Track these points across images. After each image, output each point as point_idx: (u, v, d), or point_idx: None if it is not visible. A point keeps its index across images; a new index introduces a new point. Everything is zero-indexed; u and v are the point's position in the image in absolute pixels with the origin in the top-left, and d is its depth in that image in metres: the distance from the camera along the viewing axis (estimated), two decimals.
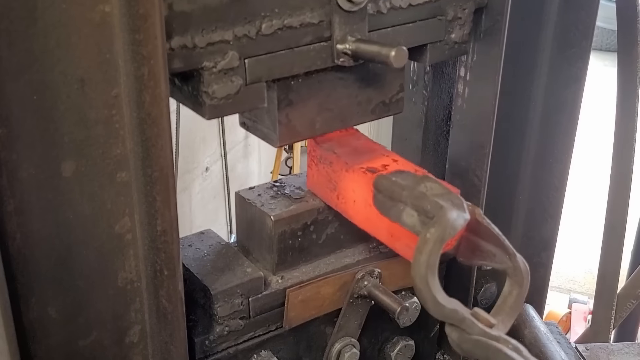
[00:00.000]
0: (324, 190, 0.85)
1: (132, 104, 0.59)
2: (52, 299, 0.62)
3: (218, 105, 0.65)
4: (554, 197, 1.09)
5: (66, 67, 0.55)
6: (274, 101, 0.72)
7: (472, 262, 0.76)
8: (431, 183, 0.70)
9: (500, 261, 0.72)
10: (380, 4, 0.72)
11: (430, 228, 0.62)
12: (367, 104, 0.80)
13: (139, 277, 0.67)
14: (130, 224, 0.64)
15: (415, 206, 0.68)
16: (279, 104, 0.72)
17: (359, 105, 0.79)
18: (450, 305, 0.63)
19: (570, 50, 0.98)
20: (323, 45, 0.70)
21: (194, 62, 0.62)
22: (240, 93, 0.66)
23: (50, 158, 0.57)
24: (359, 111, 0.80)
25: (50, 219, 0.59)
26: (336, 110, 0.78)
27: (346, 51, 0.70)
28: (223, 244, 0.86)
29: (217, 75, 0.63)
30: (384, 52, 0.66)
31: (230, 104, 0.66)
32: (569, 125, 1.03)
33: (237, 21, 0.64)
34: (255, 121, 0.78)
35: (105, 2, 0.54)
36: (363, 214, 0.79)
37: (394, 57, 0.65)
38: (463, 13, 0.79)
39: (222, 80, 0.64)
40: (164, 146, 0.61)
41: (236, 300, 0.79)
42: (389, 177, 0.73)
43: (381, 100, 0.81)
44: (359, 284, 0.87)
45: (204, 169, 3.22)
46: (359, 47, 0.69)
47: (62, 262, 0.62)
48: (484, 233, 0.73)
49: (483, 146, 0.91)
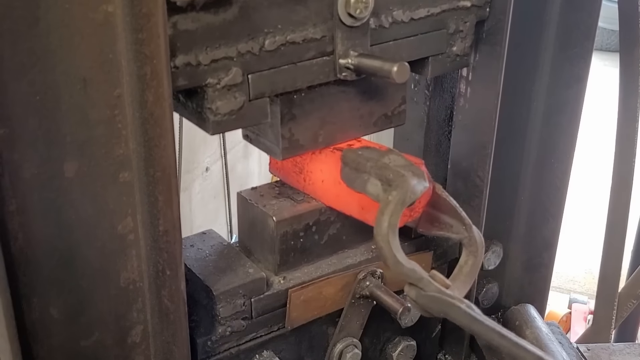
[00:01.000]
0: (289, 174, 0.88)
1: (134, 103, 0.59)
2: (54, 299, 0.62)
3: (222, 121, 0.65)
4: (555, 197, 1.08)
5: (69, 67, 0.55)
6: (277, 116, 0.73)
7: (431, 232, 0.83)
8: (394, 155, 0.75)
9: (457, 232, 0.79)
10: (382, 18, 0.73)
11: (392, 191, 0.68)
12: (369, 116, 0.81)
13: (141, 277, 0.67)
14: (133, 224, 0.64)
15: (378, 176, 0.73)
16: (282, 118, 0.73)
17: (361, 118, 0.80)
18: (409, 265, 0.67)
19: (572, 51, 0.98)
20: (326, 60, 0.70)
21: (198, 79, 0.63)
22: (244, 109, 0.66)
23: (52, 158, 0.57)
24: (361, 124, 0.80)
25: (53, 219, 0.59)
26: (339, 124, 0.78)
27: (349, 66, 0.70)
28: (225, 244, 0.86)
29: (221, 92, 0.64)
30: (386, 68, 0.67)
31: (234, 119, 0.66)
32: (571, 126, 1.03)
33: (241, 38, 0.64)
34: (258, 134, 0.79)
35: (109, 2, 0.54)
36: (333, 192, 0.83)
37: (396, 72, 0.66)
38: (465, 26, 0.80)
39: (225, 96, 0.64)
40: (166, 146, 0.61)
41: (238, 301, 0.79)
42: (355, 151, 0.78)
43: (383, 112, 0.82)
44: (361, 284, 0.87)
45: (204, 169, 3.22)
46: (362, 62, 0.69)
47: (64, 262, 0.62)
48: (443, 206, 0.80)
49: (485, 146, 0.91)
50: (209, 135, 1.57)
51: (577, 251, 3.69)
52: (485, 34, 0.85)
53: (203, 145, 3.14)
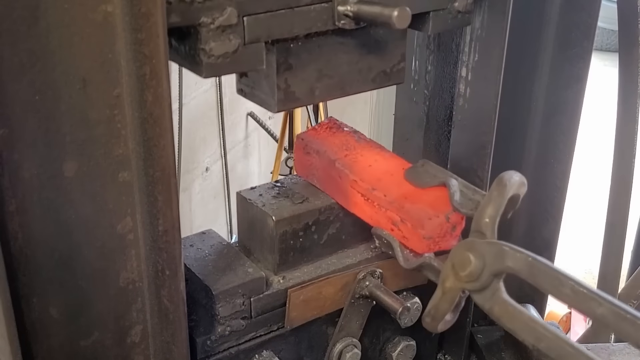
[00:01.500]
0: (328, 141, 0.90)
1: (133, 103, 0.59)
2: (53, 299, 0.62)
3: (215, 63, 0.63)
4: (555, 197, 1.08)
5: (68, 67, 0.55)
6: (272, 65, 0.70)
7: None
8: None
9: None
10: None
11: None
12: (367, 71, 0.78)
13: (140, 277, 0.66)
14: (132, 224, 0.64)
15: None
16: (277, 67, 0.70)
17: (359, 72, 0.77)
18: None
19: (571, 51, 0.98)
20: (324, 6, 0.68)
21: (192, 17, 0.61)
22: (239, 52, 0.64)
23: (52, 158, 0.57)
24: (359, 79, 0.77)
25: (52, 218, 0.59)
26: (336, 77, 0.75)
27: (347, 13, 0.68)
28: (224, 244, 0.86)
29: (215, 33, 0.61)
30: (386, 13, 0.64)
31: (228, 63, 0.63)
32: (570, 126, 1.03)
33: None
34: (253, 87, 0.76)
35: (108, 1, 0.54)
36: (375, 176, 0.85)
37: (397, 17, 0.64)
38: None
39: (220, 37, 0.62)
40: (165, 146, 0.61)
41: (238, 300, 0.79)
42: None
43: (382, 69, 0.79)
44: (360, 284, 0.87)
45: (204, 169, 3.22)
46: (361, 8, 0.67)
47: (63, 262, 0.62)
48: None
49: (485, 146, 0.91)
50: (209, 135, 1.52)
51: (577, 251, 3.69)
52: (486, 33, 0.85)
53: (203, 145, 3.14)
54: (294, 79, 0.73)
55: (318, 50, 0.73)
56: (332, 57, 0.74)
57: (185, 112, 2.82)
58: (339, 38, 0.74)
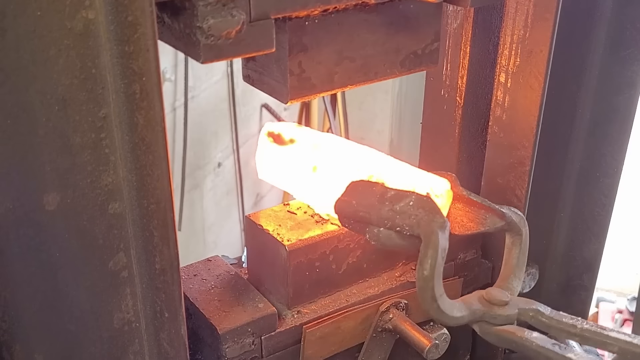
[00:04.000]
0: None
1: (123, 126, 0.51)
2: (38, 345, 0.57)
3: (215, 45, 0.52)
4: (599, 214, 0.98)
5: (44, 86, 0.47)
6: (284, 46, 0.60)
7: (468, 233, 0.78)
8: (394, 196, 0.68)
9: (493, 223, 0.75)
10: None
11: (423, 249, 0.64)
12: (395, 54, 0.67)
13: (137, 318, 0.61)
14: (126, 259, 0.58)
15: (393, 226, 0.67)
16: (290, 49, 0.60)
17: (386, 54, 0.66)
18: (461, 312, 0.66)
19: (624, 52, 0.87)
20: None
21: None
22: (243, 31, 0.53)
23: (30, 190, 0.51)
24: (385, 62, 0.67)
25: (33, 257, 0.53)
26: (359, 60, 0.65)
27: None
28: (232, 273, 0.78)
29: (214, 7, 0.51)
30: None
31: (230, 44, 0.53)
32: (621, 136, 0.93)
33: None
34: (261, 73, 0.65)
35: (89, 7, 0.46)
36: None
37: None
38: None
39: (220, 13, 0.51)
40: (160, 176, 0.53)
41: (247, 340, 0.71)
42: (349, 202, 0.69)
43: (413, 50, 0.68)
44: (383, 317, 0.79)
45: (216, 164, 3.15)
46: None
47: (48, 304, 0.56)
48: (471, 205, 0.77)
49: (524, 163, 0.82)
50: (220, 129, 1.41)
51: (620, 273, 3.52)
52: (529, 32, 0.75)
53: (214, 139, 3.07)
54: (309, 63, 0.62)
55: (338, 29, 0.62)
56: (354, 37, 0.64)
57: (196, 105, 2.74)
58: (362, 14, 0.63)
